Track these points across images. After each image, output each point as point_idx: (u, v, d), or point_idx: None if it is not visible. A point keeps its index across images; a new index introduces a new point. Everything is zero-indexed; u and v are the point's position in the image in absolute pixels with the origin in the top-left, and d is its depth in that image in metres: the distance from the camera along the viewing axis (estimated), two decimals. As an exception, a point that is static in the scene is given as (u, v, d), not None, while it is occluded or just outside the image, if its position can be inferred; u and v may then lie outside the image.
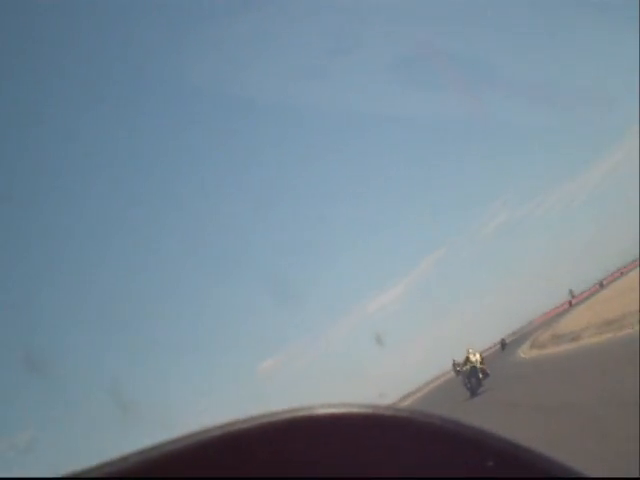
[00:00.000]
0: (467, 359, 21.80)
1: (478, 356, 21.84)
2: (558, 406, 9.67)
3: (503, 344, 53.37)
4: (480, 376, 20.85)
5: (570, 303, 67.01)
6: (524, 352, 34.66)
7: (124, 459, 0.53)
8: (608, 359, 12.90)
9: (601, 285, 65.72)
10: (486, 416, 12.49)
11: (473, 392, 20.59)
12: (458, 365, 40.89)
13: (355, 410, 0.57)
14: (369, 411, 0.57)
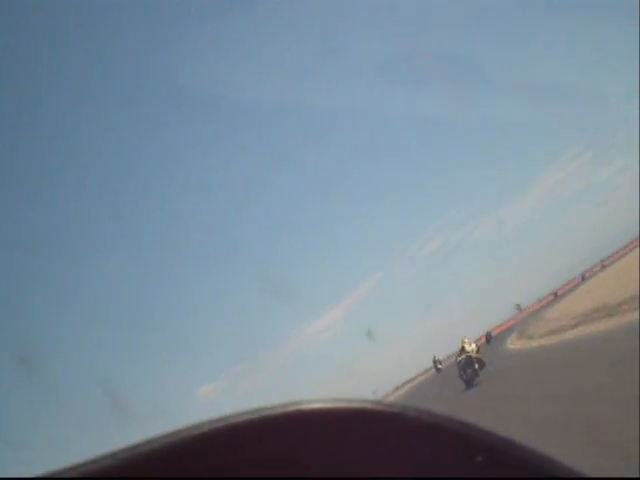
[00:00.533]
0: (462, 349, 21.61)
1: (474, 345, 21.70)
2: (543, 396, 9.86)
3: (489, 337, 53.52)
4: (476, 366, 20.74)
5: (555, 294, 69.80)
6: (512, 342, 34.92)
7: (112, 455, 0.54)
8: (598, 350, 13.14)
9: (556, 295, 67.86)
10: (482, 409, 12.62)
11: (469, 383, 20.54)
12: (438, 362, 40.74)
13: (345, 405, 0.59)
14: (359, 406, 0.59)
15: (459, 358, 21.78)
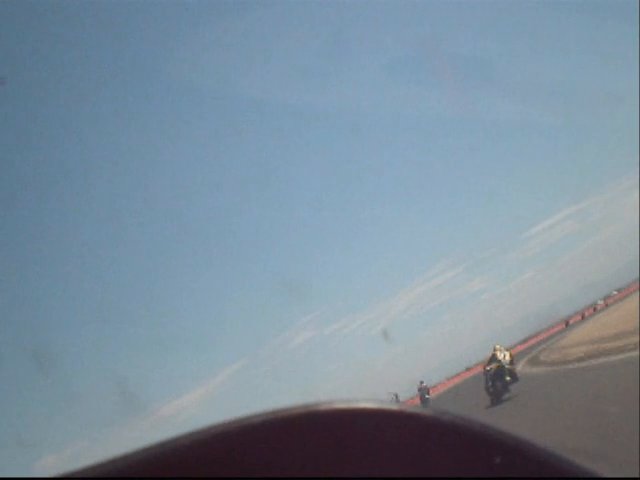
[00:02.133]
0: (493, 357, 21.35)
1: (507, 354, 21.38)
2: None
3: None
4: (507, 379, 20.48)
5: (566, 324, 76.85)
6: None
7: (128, 456, 0.63)
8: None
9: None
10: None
11: (497, 397, 20.28)
12: (425, 390, 39.70)
13: (363, 406, 0.69)
14: (378, 407, 0.68)
15: (488, 367, 21.41)
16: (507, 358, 21.25)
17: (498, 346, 21.97)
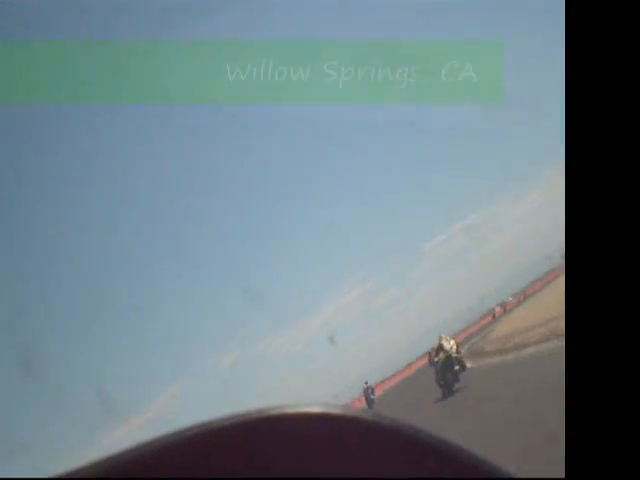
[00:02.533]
0: (439, 347, 21.12)
1: (453, 343, 21.24)
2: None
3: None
4: (456, 368, 20.38)
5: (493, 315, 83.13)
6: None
7: (104, 461, 0.70)
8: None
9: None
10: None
11: (448, 390, 20.16)
12: (370, 390, 39.45)
13: (308, 410, 0.75)
14: (321, 412, 0.75)
15: (436, 358, 21.22)
16: (454, 347, 21.09)
17: (443, 335, 21.90)
